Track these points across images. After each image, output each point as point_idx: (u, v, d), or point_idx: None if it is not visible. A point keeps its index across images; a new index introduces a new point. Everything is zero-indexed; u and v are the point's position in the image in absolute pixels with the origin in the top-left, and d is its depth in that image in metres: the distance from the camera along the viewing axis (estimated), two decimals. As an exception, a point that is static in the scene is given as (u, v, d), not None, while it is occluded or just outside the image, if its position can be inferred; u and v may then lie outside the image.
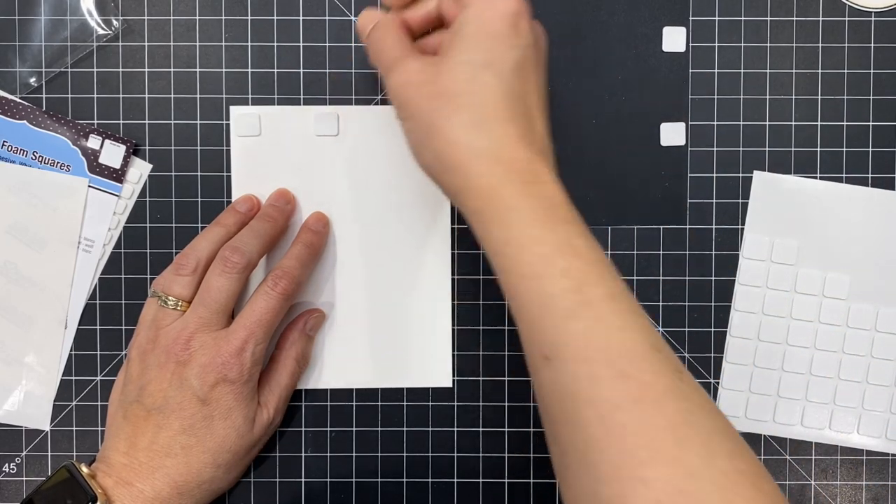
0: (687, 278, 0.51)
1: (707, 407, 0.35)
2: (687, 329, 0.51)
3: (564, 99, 0.51)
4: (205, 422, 0.45)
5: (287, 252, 0.48)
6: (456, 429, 0.51)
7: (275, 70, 0.51)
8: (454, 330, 0.51)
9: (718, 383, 0.51)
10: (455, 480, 0.51)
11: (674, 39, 0.51)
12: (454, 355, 0.51)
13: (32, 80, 0.50)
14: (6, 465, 0.51)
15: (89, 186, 0.50)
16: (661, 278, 0.51)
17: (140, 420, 0.46)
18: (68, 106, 0.50)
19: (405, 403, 0.51)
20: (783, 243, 0.51)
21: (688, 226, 0.51)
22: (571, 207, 0.39)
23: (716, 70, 0.51)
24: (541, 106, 0.41)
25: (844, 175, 0.51)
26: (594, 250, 0.38)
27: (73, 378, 0.51)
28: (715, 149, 0.51)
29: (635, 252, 0.51)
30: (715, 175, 0.51)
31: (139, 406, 0.46)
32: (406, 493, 0.51)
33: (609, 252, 0.51)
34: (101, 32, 0.50)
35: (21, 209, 0.50)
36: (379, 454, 0.51)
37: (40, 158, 0.50)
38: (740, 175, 0.51)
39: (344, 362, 0.51)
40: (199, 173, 0.51)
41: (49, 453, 0.51)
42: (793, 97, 0.51)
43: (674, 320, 0.51)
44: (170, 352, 0.45)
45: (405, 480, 0.51)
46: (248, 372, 0.46)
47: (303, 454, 0.51)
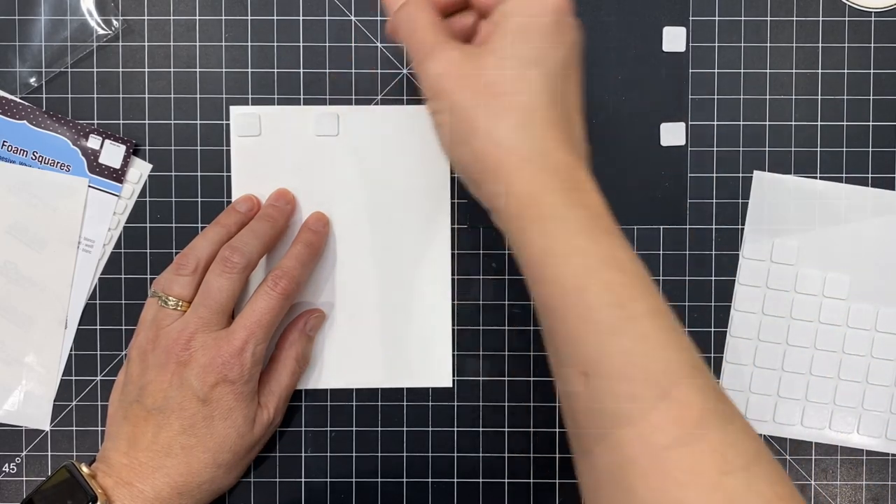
0: (687, 278, 0.51)
1: (747, 430, 0.35)
2: (687, 329, 0.51)
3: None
4: (205, 422, 0.45)
5: (287, 252, 0.48)
6: (456, 429, 0.51)
7: (275, 70, 0.51)
8: (454, 330, 0.51)
9: (718, 383, 0.51)
10: (455, 480, 0.51)
11: (674, 39, 0.51)
12: (454, 355, 0.51)
13: (32, 80, 0.50)
14: (6, 465, 0.51)
15: (89, 186, 0.50)
16: (661, 278, 0.51)
17: (140, 420, 0.46)
18: (68, 106, 0.50)
19: (405, 403, 0.51)
20: (783, 243, 0.51)
21: (688, 226, 0.51)
22: (612, 217, 0.37)
23: (716, 70, 0.51)
24: (579, 107, 0.40)
25: (844, 175, 0.51)
26: (635, 263, 0.37)
27: (73, 378, 0.51)
28: (715, 149, 0.51)
29: (635, 252, 0.51)
30: (715, 175, 0.51)
31: (139, 406, 0.46)
32: (406, 493, 0.51)
33: (609, 252, 0.51)
34: (101, 32, 0.50)
35: (21, 209, 0.50)
36: (379, 454, 0.51)
37: (40, 158, 0.50)
38: (740, 175, 0.51)
39: (344, 362, 0.51)
40: (199, 173, 0.51)
41: (49, 453, 0.51)
42: (793, 97, 0.51)
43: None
44: (170, 352, 0.45)
45: (405, 480, 0.51)
46: (249, 372, 0.46)
47: (303, 454, 0.51)
